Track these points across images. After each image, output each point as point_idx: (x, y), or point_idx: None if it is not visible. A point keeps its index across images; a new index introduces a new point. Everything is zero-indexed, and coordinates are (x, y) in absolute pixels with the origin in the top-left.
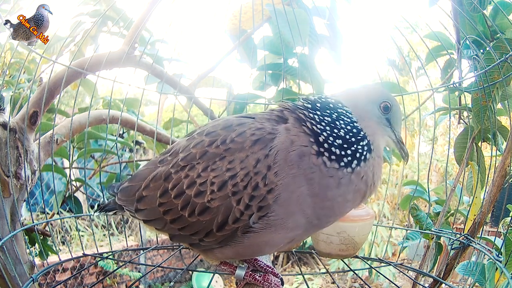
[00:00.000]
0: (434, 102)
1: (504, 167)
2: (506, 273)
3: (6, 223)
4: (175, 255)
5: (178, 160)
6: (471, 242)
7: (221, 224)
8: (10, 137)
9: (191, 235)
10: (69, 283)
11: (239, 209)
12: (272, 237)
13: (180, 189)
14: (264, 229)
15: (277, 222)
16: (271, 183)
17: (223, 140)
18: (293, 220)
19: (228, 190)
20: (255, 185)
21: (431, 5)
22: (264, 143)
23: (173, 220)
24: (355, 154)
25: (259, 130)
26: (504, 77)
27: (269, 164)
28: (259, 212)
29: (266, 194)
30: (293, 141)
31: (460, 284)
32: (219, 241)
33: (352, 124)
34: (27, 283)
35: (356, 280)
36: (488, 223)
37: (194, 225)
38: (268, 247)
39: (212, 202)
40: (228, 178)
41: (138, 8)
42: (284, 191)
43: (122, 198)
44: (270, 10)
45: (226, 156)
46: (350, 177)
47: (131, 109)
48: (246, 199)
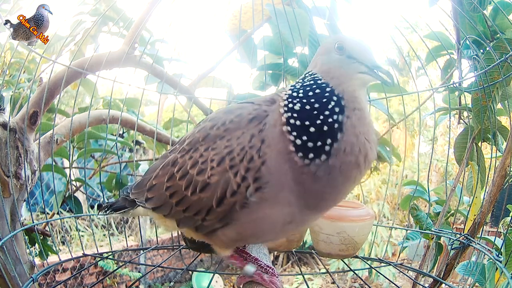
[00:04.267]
0: (434, 102)
1: (504, 167)
2: (506, 273)
3: (6, 223)
4: (175, 255)
5: (184, 145)
6: (471, 242)
7: (220, 198)
8: (10, 137)
9: (194, 215)
10: (69, 283)
11: (236, 182)
12: (268, 213)
13: (185, 170)
14: (260, 203)
15: (271, 195)
16: (265, 154)
17: (223, 122)
18: (284, 195)
19: (226, 164)
20: (250, 158)
21: (431, 5)
22: (259, 119)
23: (178, 202)
24: (323, 130)
25: (256, 110)
26: (504, 77)
27: (262, 138)
28: (255, 183)
29: (261, 165)
30: (276, 120)
31: (460, 284)
32: (220, 217)
33: (317, 85)
34: (27, 283)
35: (356, 280)
36: (488, 223)
37: (196, 204)
38: (267, 225)
39: (211, 177)
40: (226, 154)
41: (138, 8)
42: (274, 164)
43: (135, 192)
44: (270, 10)
45: (225, 135)
46: (328, 164)
47: (131, 109)
48: (242, 171)
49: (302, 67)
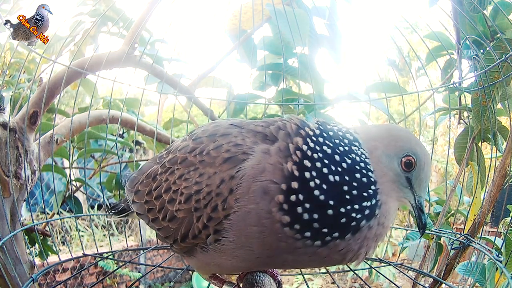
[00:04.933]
0: (434, 102)
1: (504, 167)
2: (506, 273)
3: (6, 223)
4: (175, 255)
5: (167, 160)
6: (471, 242)
7: (184, 236)
8: (10, 137)
9: (165, 237)
10: (69, 283)
11: (198, 227)
12: (223, 262)
13: (159, 192)
14: (216, 252)
15: (227, 250)
16: (230, 208)
17: (202, 150)
18: (242, 253)
19: (191, 204)
20: (215, 206)
21: (431, 5)
22: (234, 163)
23: (153, 219)
24: (340, 221)
25: (236, 147)
26: (504, 77)
27: (231, 187)
28: (215, 235)
29: (223, 218)
30: (265, 169)
31: (460, 284)
32: (184, 250)
33: (365, 171)
34: (27, 283)
35: (356, 280)
36: (488, 223)
37: (166, 230)
38: (220, 269)
39: (178, 212)
40: (194, 193)
41: (138, 8)
42: (238, 221)
43: (128, 187)
44: (270, 10)
45: (199, 168)
46: (315, 250)
47: (131, 109)
48: (204, 218)
49: (302, 67)
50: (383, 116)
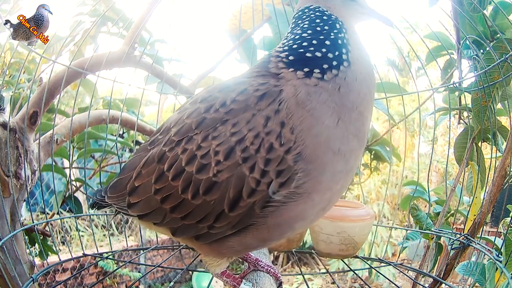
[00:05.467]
0: (434, 102)
1: (504, 167)
2: (506, 273)
3: (6, 223)
4: (175, 255)
5: (171, 135)
6: (471, 242)
7: (234, 200)
8: (10, 137)
9: (197, 222)
10: (69, 283)
11: (254, 178)
12: (303, 208)
13: (179, 168)
14: (291, 200)
15: (307, 186)
16: (289, 142)
17: (222, 102)
18: (329, 172)
19: (237, 157)
20: (269, 146)
21: (431, 5)
22: (272, 96)
23: (174, 207)
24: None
25: (263, 85)
26: (504, 77)
27: (282, 120)
28: (279, 178)
29: (284, 154)
30: (294, 85)
31: (460, 284)
32: (234, 223)
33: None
34: (27, 283)
35: (356, 280)
36: (488, 223)
37: (201, 209)
38: (299, 223)
39: (219, 175)
40: (235, 143)
41: (138, 8)
42: (307, 141)
43: (112, 195)
44: (270, 10)
45: (229, 119)
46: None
47: (131, 109)
48: (261, 164)
49: None
50: (383, 116)
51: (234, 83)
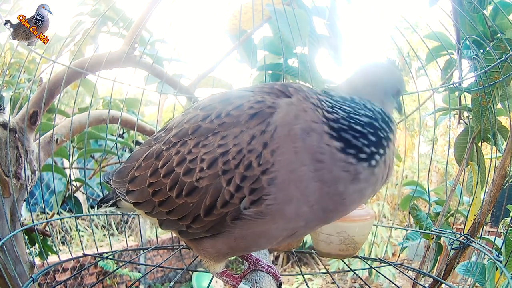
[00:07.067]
0: (434, 102)
1: (504, 167)
2: (506, 273)
3: (6, 223)
4: (175, 255)
5: (170, 136)
6: (471, 242)
7: (209, 207)
8: (10, 137)
9: (178, 219)
10: (69, 283)
11: (229, 191)
12: (267, 228)
13: (170, 167)
14: (258, 217)
15: (273, 209)
16: (266, 163)
17: (218, 114)
18: (293, 208)
19: (218, 168)
20: (248, 164)
21: (431, 5)
22: (262, 117)
23: (161, 202)
24: (380, 139)
25: (258, 103)
26: (504, 77)
27: (265, 141)
28: (251, 195)
29: (260, 175)
30: (297, 115)
31: (460, 284)
32: (207, 228)
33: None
34: (27, 283)
35: (356, 280)
36: (488, 223)
37: (182, 208)
38: (263, 240)
39: (200, 181)
40: (219, 155)
41: (138, 8)
42: (282, 170)
43: (116, 179)
44: (270, 10)
45: (220, 131)
46: (373, 171)
47: (131, 109)
48: (237, 179)
49: (302, 67)
50: None
51: (235, 95)
